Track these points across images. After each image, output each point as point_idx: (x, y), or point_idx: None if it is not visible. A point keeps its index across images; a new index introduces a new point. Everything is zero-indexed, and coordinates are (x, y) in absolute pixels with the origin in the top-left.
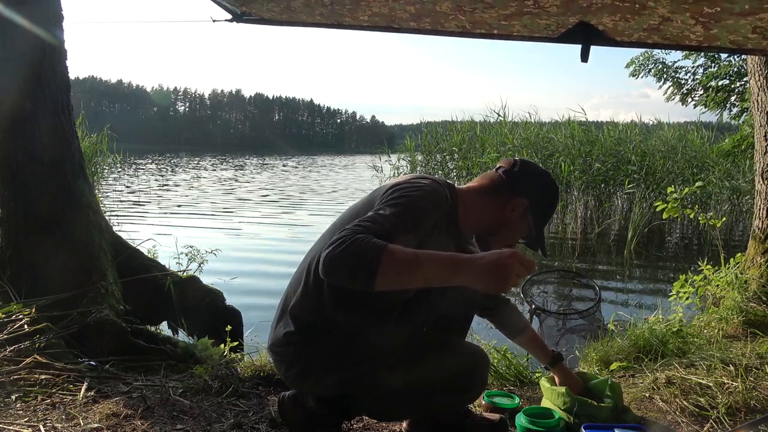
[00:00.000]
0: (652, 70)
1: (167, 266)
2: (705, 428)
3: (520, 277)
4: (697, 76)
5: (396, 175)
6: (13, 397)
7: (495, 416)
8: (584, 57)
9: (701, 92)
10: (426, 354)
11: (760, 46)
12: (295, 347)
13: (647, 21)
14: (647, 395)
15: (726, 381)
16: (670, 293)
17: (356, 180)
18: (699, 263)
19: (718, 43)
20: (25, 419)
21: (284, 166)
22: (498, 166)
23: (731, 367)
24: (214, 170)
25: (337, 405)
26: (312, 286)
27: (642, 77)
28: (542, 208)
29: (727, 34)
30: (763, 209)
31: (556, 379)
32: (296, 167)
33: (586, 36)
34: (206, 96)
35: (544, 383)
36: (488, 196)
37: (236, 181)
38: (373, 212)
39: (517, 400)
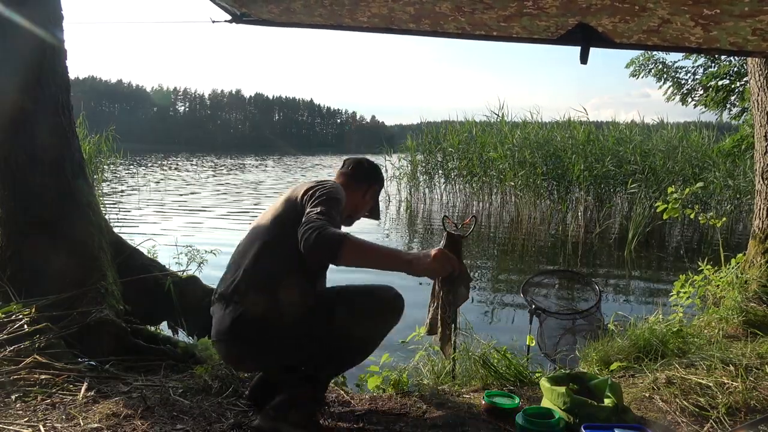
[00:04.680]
0: (652, 70)
1: (167, 266)
2: (705, 428)
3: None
4: (697, 76)
5: (397, 174)
6: (13, 397)
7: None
8: (584, 59)
9: (701, 92)
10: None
11: (759, 48)
12: (246, 328)
13: (647, 23)
14: (647, 395)
15: (726, 381)
16: (671, 293)
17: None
18: (699, 263)
19: (718, 45)
20: (25, 419)
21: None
22: (348, 165)
23: (731, 367)
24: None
25: (300, 372)
26: (258, 267)
27: (642, 77)
28: (380, 187)
29: (727, 36)
30: (763, 209)
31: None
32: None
33: (585, 38)
34: (206, 96)
35: (544, 383)
36: (353, 188)
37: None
38: (319, 207)
39: (517, 400)
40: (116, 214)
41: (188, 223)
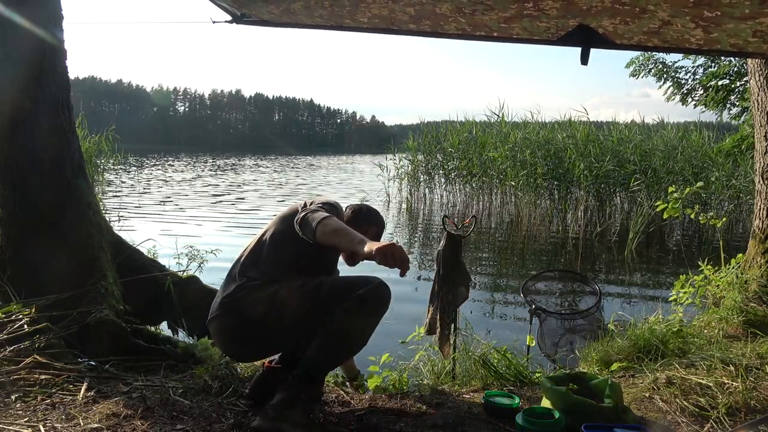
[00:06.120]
0: (652, 70)
1: (167, 266)
2: (705, 428)
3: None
4: (697, 76)
5: (398, 173)
6: (13, 397)
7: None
8: (584, 60)
9: (701, 92)
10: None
11: (760, 49)
12: (239, 299)
13: (647, 24)
14: (647, 395)
15: (726, 381)
16: (671, 293)
17: None
18: (699, 263)
19: (719, 47)
20: (25, 419)
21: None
22: (349, 210)
23: (731, 367)
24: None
25: (291, 361)
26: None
27: (642, 77)
28: (379, 229)
29: (728, 38)
30: (763, 209)
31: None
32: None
33: (586, 39)
34: (206, 96)
35: (544, 383)
36: (355, 227)
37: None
38: (315, 205)
39: (517, 400)
40: (116, 214)
41: (186, 222)
